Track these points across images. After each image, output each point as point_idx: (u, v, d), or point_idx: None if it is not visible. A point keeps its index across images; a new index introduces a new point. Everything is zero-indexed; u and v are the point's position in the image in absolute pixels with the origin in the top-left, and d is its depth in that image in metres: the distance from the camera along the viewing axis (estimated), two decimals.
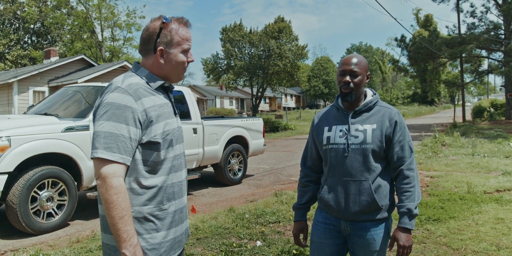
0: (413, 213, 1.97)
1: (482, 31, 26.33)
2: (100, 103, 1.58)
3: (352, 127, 2.05)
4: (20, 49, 32.43)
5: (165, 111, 1.65)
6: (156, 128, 1.59)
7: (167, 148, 1.64)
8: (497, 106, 29.56)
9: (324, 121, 2.18)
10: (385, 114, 2.06)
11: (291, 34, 34.09)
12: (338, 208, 2.05)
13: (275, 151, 14.03)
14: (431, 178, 7.63)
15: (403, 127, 2.06)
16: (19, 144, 4.69)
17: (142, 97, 1.58)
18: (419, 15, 49.97)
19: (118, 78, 1.65)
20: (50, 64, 18.79)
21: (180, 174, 1.73)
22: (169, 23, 1.66)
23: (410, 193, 1.99)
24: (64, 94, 6.43)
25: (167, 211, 1.64)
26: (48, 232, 4.98)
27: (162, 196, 1.62)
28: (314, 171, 2.27)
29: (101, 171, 1.46)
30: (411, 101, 63.19)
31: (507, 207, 5.32)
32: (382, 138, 2.01)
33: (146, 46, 1.68)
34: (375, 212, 2.02)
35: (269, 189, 7.40)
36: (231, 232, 4.58)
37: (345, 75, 2.06)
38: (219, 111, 38.82)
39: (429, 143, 13.16)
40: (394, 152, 2.03)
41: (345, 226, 2.07)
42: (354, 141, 2.02)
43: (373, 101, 2.10)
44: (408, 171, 2.02)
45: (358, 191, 2.00)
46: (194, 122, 7.07)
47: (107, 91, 1.60)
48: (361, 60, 2.08)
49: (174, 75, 1.73)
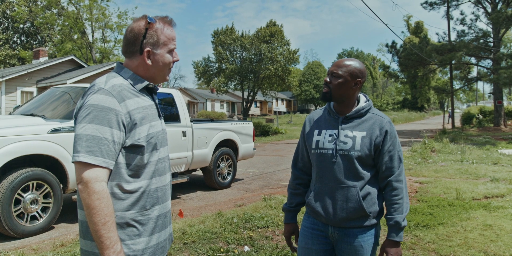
0: (401, 226, 1.96)
1: (472, 39, 26.63)
2: (82, 105, 1.52)
3: (341, 132, 2.02)
4: (9, 48, 32.04)
5: (149, 113, 1.61)
6: (140, 131, 1.54)
7: (151, 152, 1.60)
8: (485, 113, 29.86)
9: (315, 125, 2.15)
10: (376, 122, 2.02)
11: (283, 39, 34.20)
12: (326, 214, 2.02)
13: (265, 155, 13.99)
14: (420, 184, 7.64)
15: (393, 136, 2.02)
16: (3, 145, 4.59)
17: (126, 99, 1.53)
18: (410, 21, 50.32)
19: (101, 79, 1.60)
20: (39, 65, 18.59)
21: (164, 178, 1.68)
22: (154, 23, 1.61)
23: (398, 205, 1.98)
24: (52, 95, 6.33)
25: (150, 216, 1.59)
26: (31, 236, 4.87)
27: (145, 200, 1.57)
28: (305, 173, 2.23)
29: (83, 175, 1.41)
30: (401, 107, 63.67)
31: (495, 214, 5.33)
32: (371, 147, 1.98)
33: (131, 47, 1.62)
34: (363, 219, 1.99)
35: (258, 194, 7.35)
36: (218, 237, 4.52)
37: (328, 75, 2.07)
38: (209, 115, 38.72)
39: (419, 149, 13.23)
40: (383, 162, 2.00)
41: (332, 232, 2.04)
42: (343, 147, 1.99)
43: (365, 107, 2.06)
44: (397, 183, 1.99)
45: (346, 198, 1.97)
46: (183, 125, 7.00)
47: (89, 92, 1.54)
48: (351, 64, 2.01)
49: (160, 75, 1.70)
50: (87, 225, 1.49)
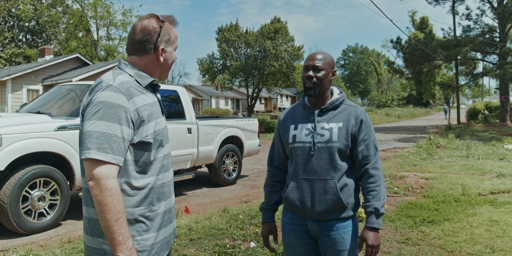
0: (380, 212, 1.96)
1: (477, 34, 26.46)
2: (90, 102, 1.52)
3: (318, 125, 2.03)
4: (15, 47, 32.18)
5: (154, 110, 1.62)
6: (147, 128, 1.56)
7: (157, 148, 1.62)
8: (491, 108, 29.71)
9: (290, 119, 2.15)
10: (351, 112, 2.05)
11: (287, 35, 34.10)
12: (304, 207, 2.02)
13: None
14: (425, 180, 7.63)
15: (368, 125, 2.05)
16: (11, 142, 4.63)
17: (134, 96, 1.55)
18: (415, 17, 50.04)
19: (107, 76, 1.61)
20: (45, 63, 18.68)
21: (169, 174, 1.71)
22: (165, 22, 1.67)
23: (376, 192, 1.98)
24: (58, 93, 6.37)
25: (157, 212, 1.61)
26: (39, 232, 4.92)
27: (152, 196, 1.59)
28: (281, 170, 2.23)
29: (94, 172, 1.41)
30: (406, 103, 63.35)
31: (502, 209, 5.32)
32: (348, 137, 2.00)
33: (143, 45, 1.64)
34: (340, 211, 2.00)
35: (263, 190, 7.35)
36: (224, 233, 4.54)
37: (308, 70, 2.05)
38: (214, 111, 38.75)
39: (424, 145, 13.18)
40: (359, 150, 2.02)
41: (312, 226, 2.05)
42: (320, 139, 2.00)
43: (339, 99, 2.08)
44: (373, 170, 2.01)
45: (324, 190, 1.98)
46: (188, 122, 7.03)
47: (97, 89, 1.54)
48: (325, 56, 2.07)
49: (166, 72, 1.77)
50: (96, 222, 1.50)
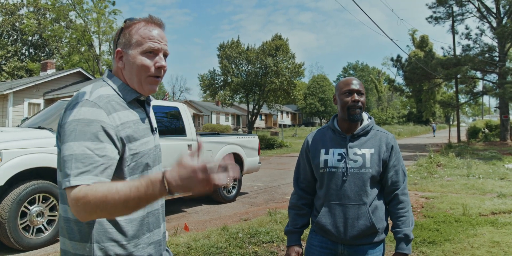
0: (410, 238, 2.00)
1: (477, 53, 26.68)
2: (65, 121, 1.31)
3: (350, 151, 2.04)
4: (17, 60, 32.45)
5: (140, 128, 1.42)
6: (128, 148, 1.37)
7: (142, 172, 1.41)
8: (491, 127, 29.76)
9: (320, 144, 2.15)
10: (382, 138, 2.08)
11: (288, 52, 34.33)
12: (337, 232, 2.02)
13: (270, 169, 13.96)
14: (426, 199, 7.59)
15: (397, 151, 2.09)
16: (11, 157, 4.63)
17: (114, 111, 1.34)
18: (415, 35, 50.58)
19: (86, 89, 1.40)
20: (47, 77, 18.80)
21: (156, 203, 1.49)
22: (134, 23, 1.44)
23: (405, 218, 2.02)
24: (59, 108, 6.39)
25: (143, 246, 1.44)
26: (37, 248, 4.87)
27: (137, 228, 1.41)
28: (308, 193, 2.23)
29: (72, 197, 1.18)
30: (406, 121, 63.49)
31: (503, 230, 5.27)
32: (380, 163, 2.03)
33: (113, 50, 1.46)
34: (373, 235, 2.01)
35: (263, 208, 7.32)
36: (223, 252, 4.50)
37: (352, 94, 2.05)
38: (214, 127, 38.78)
39: (424, 163, 13.15)
40: (389, 176, 2.05)
41: (342, 250, 2.05)
42: (353, 165, 2.01)
43: (370, 125, 2.11)
44: (403, 196, 2.05)
45: (357, 215, 1.99)
46: (189, 138, 7.03)
47: (73, 105, 1.33)
48: (360, 82, 2.13)
49: (137, 82, 1.44)
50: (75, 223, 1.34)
